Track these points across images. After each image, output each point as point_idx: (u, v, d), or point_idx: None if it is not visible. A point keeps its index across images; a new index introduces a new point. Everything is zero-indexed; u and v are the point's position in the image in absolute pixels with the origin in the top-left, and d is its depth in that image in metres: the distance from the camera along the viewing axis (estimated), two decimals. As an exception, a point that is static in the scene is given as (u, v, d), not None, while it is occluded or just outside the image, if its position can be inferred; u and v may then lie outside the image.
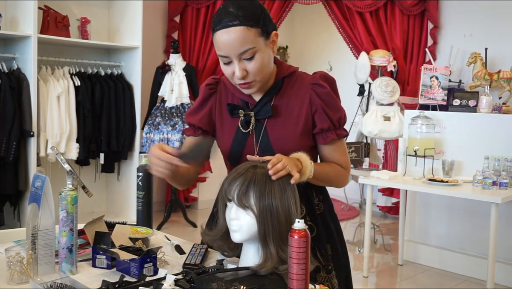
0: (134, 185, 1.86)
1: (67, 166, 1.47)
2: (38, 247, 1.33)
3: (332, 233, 1.61)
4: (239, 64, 1.38)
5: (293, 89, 1.50)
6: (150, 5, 5.18)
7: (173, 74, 4.78)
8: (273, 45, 1.44)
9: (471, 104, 3.97)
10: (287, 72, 1.51)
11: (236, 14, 1.34)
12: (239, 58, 1.37)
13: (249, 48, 1.36)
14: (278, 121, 1.48)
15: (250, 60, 1.38)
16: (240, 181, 1.28)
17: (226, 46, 1.36)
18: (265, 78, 1.44)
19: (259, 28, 1.37)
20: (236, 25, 1.34)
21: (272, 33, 1.42)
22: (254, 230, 1.27)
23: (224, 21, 1.35)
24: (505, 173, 3.51)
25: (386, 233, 4.90)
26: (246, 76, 1.40)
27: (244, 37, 1.35)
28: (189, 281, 1.23)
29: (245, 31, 1.35)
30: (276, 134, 1.48)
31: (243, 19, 1.34)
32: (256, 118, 1.49)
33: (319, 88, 1.48)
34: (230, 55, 1.37)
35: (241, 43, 1.35)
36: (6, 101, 3.77)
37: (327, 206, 1.62)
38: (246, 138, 1.50)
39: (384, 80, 4.65)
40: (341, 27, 5.20)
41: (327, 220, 1.60)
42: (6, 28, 4.01)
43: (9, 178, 3.85)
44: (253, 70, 1.39)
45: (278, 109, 1.48)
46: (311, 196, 1.58)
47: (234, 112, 1.51)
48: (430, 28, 5.21)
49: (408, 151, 3.92)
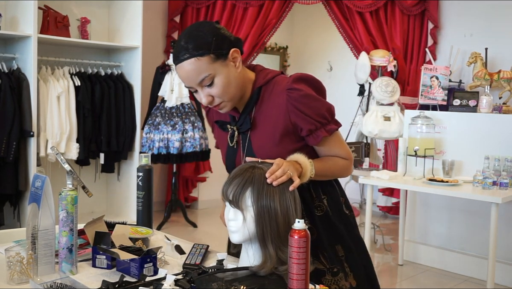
0: (134, 185, 1.87)
1: (67, 166, 1.47)
2: (38, 247, 1.33)
3: (341, 234, 1.57)
4: (203, 91, 1.44)
5: (270, 97, 1.50)
6: (150, 5, 5.18)
7: (173, 74, 4.77)
8: (234, 62, 1.45)
9: (471, 104, 3.97)
10: (263, 81, 1.52)
11: (186, 47, 1.39)
12: (200, 86, 1.43)
13: (205, 76, 1.41)
14: (258, 131, 1.51)
15: (211, 86, 1.43)
16: (237, 181, 1.28)
17: (185, 79, 1.43)
18: (234, 96, 1.47)
19: (210, 55, 1.40)
20: (186, 58, 1.39)
21: (230, 52, 1.44)
22: (252, 231, 1.27)
23: (177, 56, 1.41)
24: (505, 173, 3.51)
25: (386, 233, 4.90)
26: (213, 101, 1.46)
27: (196, 68, 1.39)
28: (189, 281, 1.23)
29: (196, 62, 1.39)
30: (258, 144, 1.51)
31: (192, 50, 1.39)
32: (240, 131, 1.54)
33: (293, 93, 1.46)
34: (192, 85, 1.44)
35: (196, 73, 1.40)
36: (6, 101, 3.77)
37: (333, 206, 1.59)
38: (236, 151, 1.57)
39: (384, 80, 4.65)
40: (341, 27, 5.20)
41: (333, 221, 1.57)
42: (6, 28, 4.01)
43: (9, 178, 3.85)
44: (216, 93, 1.44)
45: (257, 120, 1.51)
46: (308, 198, 1.54)
47: (224, 127, 1.58)
48: (430, 28, 5.21)
49: (408, 151, 3.92)
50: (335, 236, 1.56)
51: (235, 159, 1.57)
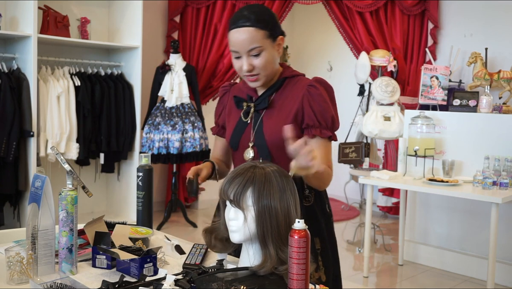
0: (134, 185, 1.87)
1: (67, 166, 1.47)
2: (38, 247, 1.33)
3: (321, 228, 1.68)
4: (247, 60, 1.60)
5: (292, 89, 1.68)
6: (150, 5, 5.18)
7: (173, 74, 4.78)
8: (278, 48, 1.65)
9: (471, 104, 3.97)
10: (290, 74, 1.70)
11: (249, 17, 1.57)
12: (247, 54, 1.59)
13: (256, 46, 1.58)
14: (273, 113, 1.66)
15: (257, 56, 1.59)
16: (238, 181, 1.28)
17: (237, 43, 1.59)
18: (268, 74, 1.64)
19: (267, 31, 1.59)
20: (247, 26, 1.57)
21: (278, 37, 1.63)
22: (253, 230, 1.27)
23: (238, 22, 1.58)
24: (505, 173, 3.51)
25: (386, 233, 4.90)
26: (252, 70, 1.61)
27: (253, 36, 1.57)
28: (189, 281, 1.23)
29: (254, 32, 1.57)
30: (269, 124, 1.65)
31: (254, 21, 1.57)
32: (256, 109, 1.69)
33: (312, 89, 1.64)
34: (240, 51, 1.59)
35: (250, 41, 1.57)
36: (6, 101, 3.77)
37: (318, 202, 1.70)
38: (246, 127, 1.70)
39: (384, 80, 4.65)
40: (341, 27, 5.20)
41: (317, 214, 1.68)
42: (6, 28, 4.01)
43: (9, 178, 3.85)
44: (258, 65, 1.60)
45: (275, 103, 1.68)
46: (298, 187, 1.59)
47: (239, 104, 1.73)
48: (430, 28, 5.21)
49: (408, 150, 3.92)
50: (316, 228, 1.66)
51: (242, 134, 1.69)
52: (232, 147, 1.74)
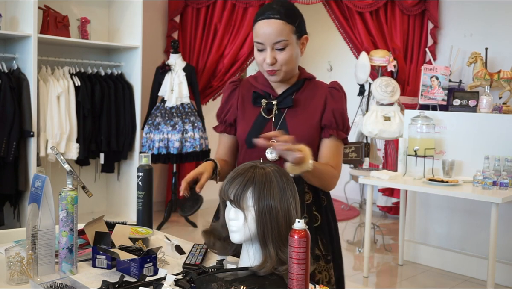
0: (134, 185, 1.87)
1: (67, 166, 1.47)
2: (38, 247, 1.33)
3: (331, 229, 1.71)
4: (271, 52, 1.58)
5: (312, 90, 1.69)
6: (150, 5, 5.18)
7: (173, 74, 4.78)
8: (302, 47, 1.66)
9: (471, 104, 3.97)
10: (309, 76, 1.72)
11: (278, 10, 1.57)
12: (272, 47, 1.58)
13: (283, 40, 1.57)
14: (297, 111, 1.66)
15: (281, 50, 1.58)
16: (239, 181, 1.28)
17: (264, 34, 1.57)
18: (289, 71, 1.63)
19: (294, 27, 1.59)
20: (276, 18, 1.56)
21: (303, 36, 1.64)
22: (253, 231, 1.27)
23: (267, 13, 1.57)
24: (505, 173, 3.51)
25: (386, 233, 4.90)
26: (275, 64, 1.59)
27: (280, 29, 1.56)
28: (189, 281, 1.23)
29: (282, 25, 1.56)
30: (294, 122, 1.64)
31: (283, 15, 1.57)
32: (278, 107, 1.66)
33: (334, 91, 1.68)
34: (265, 42, 1.58)
35: (277, 34, 1.56)
36: (6, 101, 3.77)
37: (328, 201, 1.73)
38: (265, 124, 1.66)
39: (384, 80, 4.65)
40: (341, 27, 5.20)
41: (328, 214, 1.71)
42: (6, 28, 4.01)
43: (9, 178, 3.85)
44: (281, 59, 1.59)
45: (298, 102, 1.67)
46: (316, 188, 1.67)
47: (257, 100, 1.69)
48: (430, 28, 5.21)
49: (408, 151, 3.92)
50: (331, 229, 1.70)
51: (262, 131, 1.61)
52: (248, 144, 1.66)
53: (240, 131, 1.70)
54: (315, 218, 1.67)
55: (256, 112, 1.69)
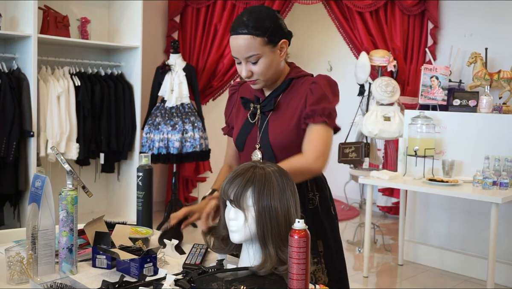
0: (134, 185, 1.86)
1: (67, 166, 1.47)
2: (38, 247, 1.33)
3: (324, 230, 1.66)
4: (246, 66, 1.60)
5: (298, 89, 1.67)
6: (150, 5, 5.18)
7: (173, 74, 4.77)
8: (281, 51, 1.61)
9: (471, 104, 3.97)
10: (295, 75, 1.68)
11: (246, 24, 1.54)
12: (245, 61, 1.59)
13: (254, 54, 1.56)
14: (278, 114, 1.65)
15: (255, 64, 1.58)
16: (238, 181, 1.28)
17: (235, 50, 1.59)
18: (269, 78, 1.63)
19: (265, 38, 1.55)
20: (244, 34, 1.55)
21: (280, 42, 1.59)
22: (253, 230, 1.27)
23: (236, 28, 1.57)
24: (505, 173, 3.51)
25: (386, 233, 4.90)
26: (251, 76, 1.61)
27: (249, 44, 1.55)
28: (189, 281, 1.23)
29: (250, 40, 1.55)
30: (275, 126, 1.64)
31: (251, 29, 1.54)
32: (262, 111, 1.68)
33: (314, 86, 1.63)
34: (238, 57, 1.59)
35: (247, 49, 1.56)
36: (6, 101, 3.77)
37: (323, 204, 1.69)
38: (251, 128, 1.69)
39: (384, 80, 4.65)
40: (341, 27, 5.20)
41: (321, 216, 1.67)
42: (6, 28, 4.01)
43: (9, 178, 3.85)
44: (257, 72, 1.59)
45: (281, 105, 1.66)
46: (305, 188, 1.64)
47: (246, 105, 1.72)
48: (430, 28, 5.21)
49: (408, 151, 3.92)
50: (319, 231, 1.65)
51: (248, 135, 1.69)
52: (238, 148, 1.74)
53: (233, 135, 1.76)
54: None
55: (246, 116, 1.72)
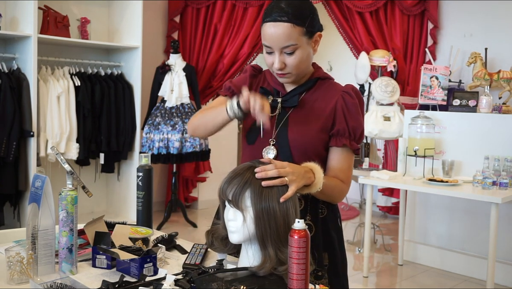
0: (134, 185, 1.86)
1: (67, 166, 1.47)
2: (38, 247, 1.33)
3: (332, 243, 1.59)
4: (280, 57, 1.48)
5: (324, 91, 1.57)
6: (150, 5, 5.18)
7: (173, 74, 4.78)
8: (315, 44, 1.52)
9: (471, 104, 3.97)
10: (323, 76, 1.60)
11: (286, 11, 1.43)
12: (280, 51, 1.47)
13: (291, 44, 1.45)
14: (301, 113, 1.55)
15: (290, 55, 1.47)
16: (237, 181, 1.27)
17: (271, 38, 1.45)
18: (300, 72, 1.53)
19: (304, 28, 1.45)
20: (284, 21, 1.43)
21: (316, 34, 1.51)
22: (252, 231, 1.27)
23: (274, 15, 1.44)
24: (505, 173, 3.51)
25: (386, 233, 4.90)
26: (284, 68, 1.49)
27: (289, 33, 1.44)
28: (189, 281, 1.23)
29: (290, 28, 1.43)
30: (296, 124, 1.53)
31: (291, 16, 1.43)
32: (283, 105, 1.56)
33: (347, 96, 1.54)
34: (273, 46, 1.47)
35: (285, 38, 1.44)
36: (6, 101, 3.77)
37: (331, 214, 1.60)
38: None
39: (384, 80, 4.65)
40: (341, 27, 5.21)
41: (329, 227, 1.59)
42: (6, 28, 4.01)
43: (9, 178, 3.85)
44: (291, 64, 1.48)
45: (305, 103, 1.56)
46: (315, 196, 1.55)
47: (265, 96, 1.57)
48: (430, 28, 5.21)
49: (408, 151, 3.92)
50: (327, 242, 1.57)
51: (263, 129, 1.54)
52: (249, 140, 1.59)
53: (245, 125, 1.62)
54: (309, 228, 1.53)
55: None
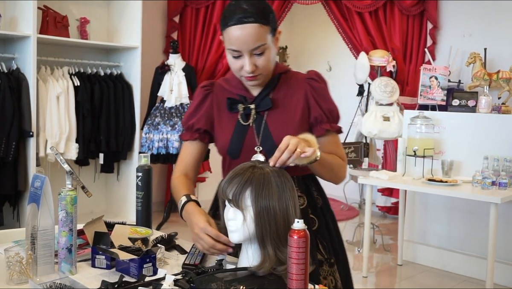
0: (133, 185, 1.86)
1: (66, 166, 1.47)
2: (37, 247, 1.33)
3: (330, 230, 1.64)
4: (250, 59, 1.44)
5: (289, 84, 1.57)
6: (150, 5, 5.18)
7: (173, 75, 4.78)
8: (276, 42, 1.51)
9: (470, 104, 3.97)
10: (283, 70, 1.59)
11: (251, 11, 1.40)
12: (250, 54, 1.43)
13: (261, 45, 1.42)
14: (277, 112, 1.54)
15: (260, 55, 1.44)
16: (237, 181, 1.28)
17: (239, 41, 1.41)
18: (269, 73, 1.52)
19: (269, 26, 1.44)
20: (250, 22, 1.40)
21: (277, 31, 1.49)
22: (251, 231, 1.27)
23: (238, 16, 1.40)
24: (504, 173, 3.52)
25: (385, 233, 4.90)
26: (255, 70, 1.46)
27: (257, 33, 1.40)
28: (188, 281, 1.23)
29: (258, 28, 1.40)
30: (276, 125, 1.52)
31: (257, 16, 1.40)
32: (257, 110, 1.53)
33: (314, 82, 1.57)
34: (242, 49, 1.42)
35: (254, 39, 1.40)
36: (6, 102, 3.77)
37: (324, 202, 1.66)
38: (246, 131, 1.54)
39: (383, 81, 4.65)
40: (340, 27, 5.21)
41: (326, 215, 1.64)
42: (5, 28, 4.00)
43: (8, 178, 3.85)
44: (261, 65, 1.45)
45: (277, 101, 1.54)
46: (310, 188, 1.61)
47: (233, 106, 1.55)
48: (430, 28, 5.21)
49: (407, 151, 3.92)
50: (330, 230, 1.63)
51: (244, 140, 1.52)
52: (231, 155, 1.55)
53: (221, 143, 1.57)
54: (312, 222, 1.58)
55: (233, 119, 1.55)
